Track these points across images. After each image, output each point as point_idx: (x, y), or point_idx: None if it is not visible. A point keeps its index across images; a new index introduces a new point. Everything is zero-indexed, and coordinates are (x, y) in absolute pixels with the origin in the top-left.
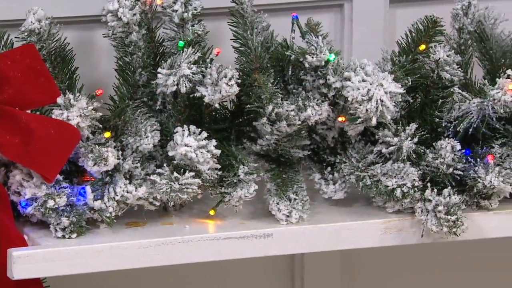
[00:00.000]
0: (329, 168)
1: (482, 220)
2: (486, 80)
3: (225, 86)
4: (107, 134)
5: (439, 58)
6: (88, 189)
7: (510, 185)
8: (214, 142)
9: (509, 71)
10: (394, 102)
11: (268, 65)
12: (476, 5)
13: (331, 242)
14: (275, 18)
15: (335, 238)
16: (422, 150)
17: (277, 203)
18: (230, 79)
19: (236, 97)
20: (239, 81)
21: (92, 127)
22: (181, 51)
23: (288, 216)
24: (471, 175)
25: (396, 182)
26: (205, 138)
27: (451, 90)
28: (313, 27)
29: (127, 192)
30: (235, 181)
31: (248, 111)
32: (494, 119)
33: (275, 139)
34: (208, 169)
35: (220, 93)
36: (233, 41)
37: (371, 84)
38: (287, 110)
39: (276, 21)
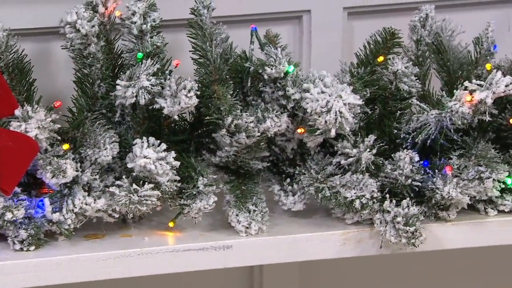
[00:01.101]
0: (288, 180)
1: (440, 231)
2: (443, 92)
3: (184, 98)
4: (66, 146)
5: (397, 70)
6: (47, 201)
7: (468, 196)
8: (173, 153)
9: (466, 83)
10: (353, 114)
11: (227, 76)
12: (434, 17)
13: (291, 254)
14: (234, 30)
15: (295, 250)
16: (381, 162)
17: (237, 215)
18: (189, 91)
19: (195, 108)
20: (198, 92)
21: (51, 139)
22: (140, 63)
23: (247, 227)
24: (429, 186)
25: (355, 193)
26: (164, 150)
27: (409, 101)
28: (272, 38)
29: (86, 204)
30: (194, 192)
31: (207, 123)
32: (452, 130)
33: (235, 151)
34: (167, 181)
35: (179, 104)
36: (192, 53)
37: (330, 96)
38: (246, 122)
39: (235, 32)
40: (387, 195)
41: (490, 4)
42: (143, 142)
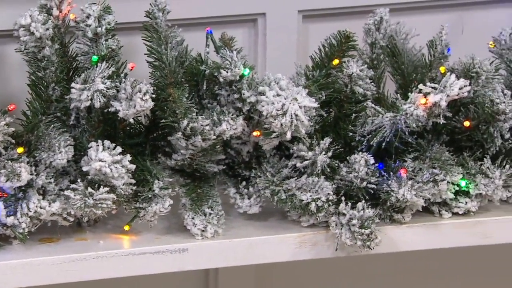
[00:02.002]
0: (244, 183)
1: (395, 233)
2: (398, 95)
3: (140, 101)
4: (20, 150)
5: (352, 73)
6: (1, 205)
7: (423, 198)
8: (128, 157)
9: (420, 86)
10: (309, 117)
11: (183, 79)
12: (388, 20)
13: (246, 257)
14: (189, 33)
15: (250, 253)
16: (336, 164)
17: (192, 218)
18: (144, 94)
19: (150, 111)
20: (154, 95)
21: (5, 143)
22: (95, 66)
23: (203, 230)
24: (385, 188)
25: (310, 196)
26: (120, 153)
27: (364, 104)
28: (227, 41)
29: (41, 208)
30: (150, 196)
31: (162, 126)
32: (406, 133)
33: (190, 154)
34: (123, 184)
35: (134, 107)
36: (147, 56)
37: (285, 99)
38: (202, 125)
39: (191, 35)
40: (343, 198)
41: (444, 7)
42: (98, 145)
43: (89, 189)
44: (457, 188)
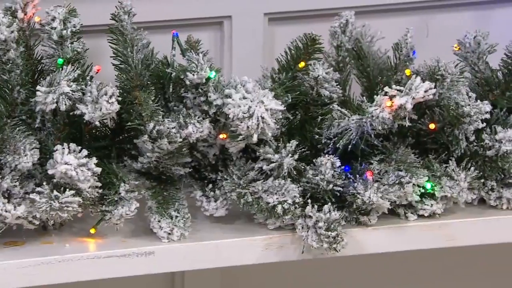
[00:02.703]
0: (210, 185)
1: (361, 236)
2: (364, 97)
3: (106, 104)
4: None
5: (318, 76)
6: None
7: (388, 201)
8: (94, 160)
9: (386, 88)
10: (275, 119)
11: (149, 82)
12: (354, 23)
13: (213, 259)
14: (155, 36)
15: (217, 255)
16: (303, 167)
17: (159, 221)
18: (110, 97)
19: (116, 114)
20: (120, 98)
21: None
22: (60, 69)
23: (169, 233)
24: (351, 191)
25: (277, 198)
26: (86, 156)
27: (330, 107)
28: (193, 44)
29: (6, 211)
30: (116, 199)
31: (128, 129)
32: (372, 135)
33: (156, 157)
34: (89, 187)
35: (100, 110)
36: (113, 59)
37: (252, 101)
38: (168, 128)
39: (157, 38)
40: (309, 200)
41: (409, 10)
42: (64, 148)
43: (55, 192)
44: (422, 191)
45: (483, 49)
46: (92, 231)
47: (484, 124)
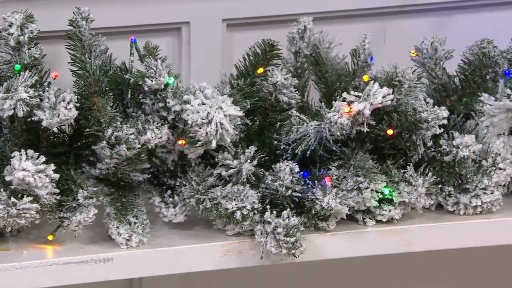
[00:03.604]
0: (169, 192)
1: (320, 241)
2: (322, 103)
3: (64, 110)
4: None
5: (277, 81)
6: None
7: (347, 206)
8: (52, 166)
9: (344, 94)
10: (234, 125)
11: (107, 88)
12: (312, 29)
13: (171, 266)
14: (113, 42)
15: (175, 262)
16: (261, 173)
17: (117, 227)
18: (68, 103)
19: (74, 120)
20: (78, 104)
21: None
22: (18, 75)
23: (128, 240)
24: (309, 197)
25: (236, 204)
26: (43, 163)
27: (289, 113)
28: (152, 50)
29: None
30: (74, 205)
31: (87, 135)
32: (331, 141)
33: (115, 163)
34: (47, 194)
35: (58, 116)
36: (71, 65)
37: (210, 107)
38: (126, 134)
39: (115, 44)
40: (268, 206)
41: (366, 16)
42: (21, 154)
43: (12, 199)
44: (380, 196)
45: (440, 55)
46: (50, 237)
47: (442, 129)
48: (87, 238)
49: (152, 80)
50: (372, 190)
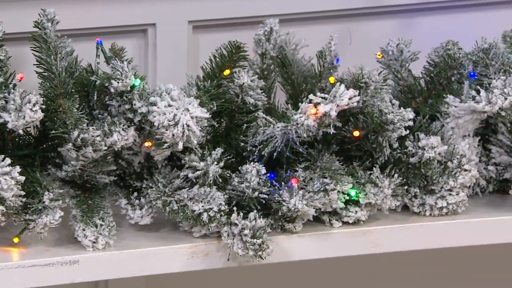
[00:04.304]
0: (135, 193)
1: (287, 243)
2: (289, 105)
3: (29, 112)
4: None
5: (243, 83)
6: None
7: (314, 208)
8: (18, 168)
9: (311, 96)
10: (200, 127)
11: (73, 90)
12: (278, 31)
13: (138, 268)
14: (79, 43)
15: (142, 264)
16: (228, 174)
17: (83, 229)
18: (34, 105)
19: (40, 122)
20: (43, 106)
21: None
22: None
23: (94, 242)
24: (276, 198)
25: (202, 206)
26: (9, 165)
27: (255, 114)
28: (118, 52)
29: None
30: (40, 207)
31: (52, 137)
32: (297, 143)
33: (81, 165)
34: (12, 196)
35: (24, 119)
36: (37, 66)
37: (177, 109)
38: (92, 136)
39: (80, 46)
40: (235, 208)
41: (332, 18)
42: None
43: None
44: (347, 197)
45: (405, 56)
46: (16, 240)
47: (407, 131)
48: (53, 240)
49: (118, 82)
50: (338, 191)
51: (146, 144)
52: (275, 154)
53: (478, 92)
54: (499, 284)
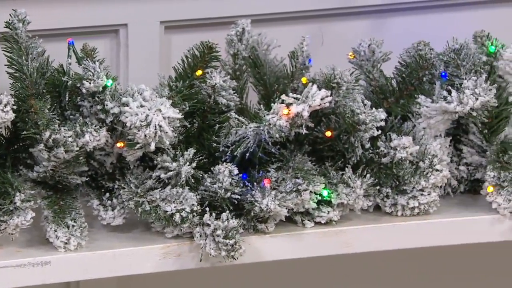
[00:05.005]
0: (107, 194)
1: (259, 243)
2: (261, 105)
3: (0, 113)
4: None
5: (216, 84)
6: None
7: (286, 208)
8: None
9: (283, 96)
10: (172, 127)
11: (44, 91)
12: (250, 31)
13: (110, 269)
14: (50, 44)
15: (114, 265)
16: (200, 175)
17: (55, 230)
18: (5, 105)
19: (11, 123)
20: (15, 107)
21: None
22: None
23: (66, 243)
24: (248, 199)
25: (175, 207)
26: None
27: (228, 115)
28: (89, 52)
29: None
30: (11, 208)
31: (24, 138)
32: (269, 143)
33: (53, 166)
34: None
35: None
36: (8, 67)
37: (149, 110)
38: (64, 136)
39: (52, 46)
40: (207, 209)
41: (304, 18)
42: None
43: None
44: (319, 198)
45: (377, 57)
46: None
47: (379, 131)
48: (25, 241)
49: (90, 83)
50: (310, 192)
51: (118, 144)
52: (247, 154)
53: (449, 92)
54: (471, 283)
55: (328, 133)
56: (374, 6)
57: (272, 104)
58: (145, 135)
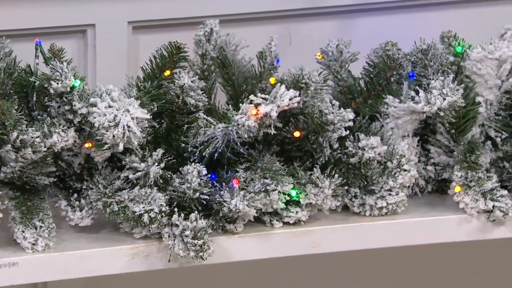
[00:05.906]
0: (75, 195)
1: (228, 244)
2: (229, 106)
3: None
4: None
5: (184, 84)
6: None
7: (255, 208)
8: None
9: (251, 97)
10: (141, 128)
11: (12, 91)
12: (218, 32)
13: (78, 270)
14: (17, 44)
15: (82, 265)
16: (169, 175)
17: (23, 231)
18: None
19: None
20: None
21: None
22: None
23: (34, 244)
24: (217, 199)
25: (143, 207)
26: None
27: (196, 115)
28: (57, 53)
29: None
30: None
31: None
32: (238, 144)
33: (20, 166)
34: None
35: None
36: None
37: (117, 110)
38: (32, 137)
39: (19, 46)
40: (176, 209)
41: (272, 19)
42: None
43: None
44: (288, 198)
45: (345, 57)
46: None
47: (347, 131)
48: None
49: (57, 83)
50: (279, 192)
51: (86, 145)
52: (216, 155)
53: (417, 92)
54: (441, 282)
55: (297, 134)
56: (342, 6)
57: (240, 105)
58: (114, 136)
